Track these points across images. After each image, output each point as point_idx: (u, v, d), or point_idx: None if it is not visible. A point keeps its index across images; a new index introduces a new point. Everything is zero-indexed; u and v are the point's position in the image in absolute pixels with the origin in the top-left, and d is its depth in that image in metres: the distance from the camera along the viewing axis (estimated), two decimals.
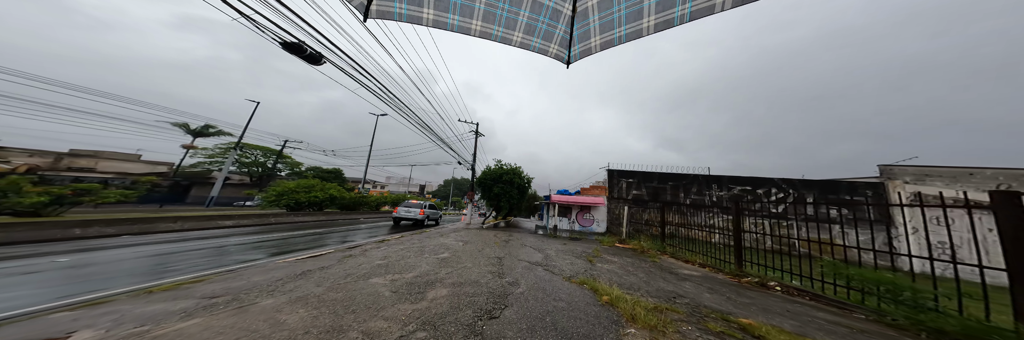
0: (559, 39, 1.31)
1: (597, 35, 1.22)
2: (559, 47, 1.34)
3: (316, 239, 7.50)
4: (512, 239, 8.89)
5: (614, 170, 11.50)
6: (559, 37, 1.30)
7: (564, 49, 1.34)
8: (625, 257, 6.04)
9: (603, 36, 1.21)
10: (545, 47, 1.33)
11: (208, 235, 7.12)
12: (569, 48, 1.33)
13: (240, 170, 26.89)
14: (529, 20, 1.22)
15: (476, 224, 16.75)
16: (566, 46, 1.34)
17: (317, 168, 29.09)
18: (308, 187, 12.94)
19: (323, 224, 11.59)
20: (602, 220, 11.26)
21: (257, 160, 26.83)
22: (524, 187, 15.93)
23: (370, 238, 8.13)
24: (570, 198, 11.17)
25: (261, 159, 26.57)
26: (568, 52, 1.35)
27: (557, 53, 1.36)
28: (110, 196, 7.17)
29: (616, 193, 11.13)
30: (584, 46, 1.29)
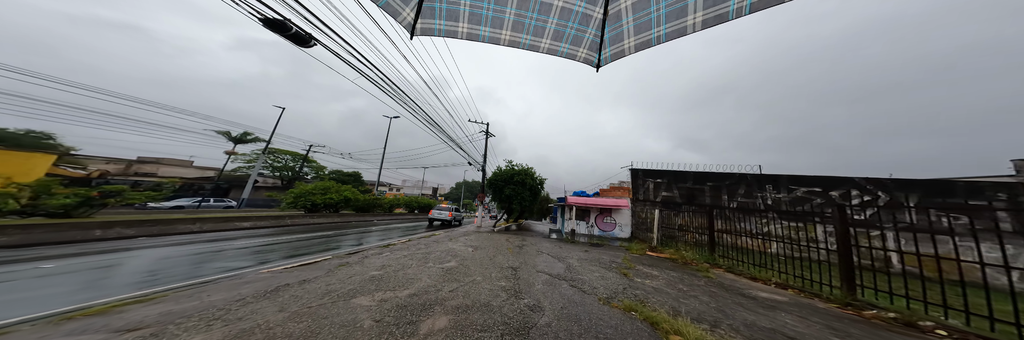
0: (589, 43, 1.25)
1: (631, 36, 1.15)
2: (588, 51, 1.27)
3: (322, 242, 7.04)
4: (526, 244, 7.96)
5: (639, 170, 10.10)
6: (589, 41, 1.24)
7: (594, 53, 1.28)
8: (667, 270, 4.90)
9: (638, 37, 1.13)
10: (574, 52, 1.28)
11: (219, 237, 6.91)
12: (599, 51, 1.27)
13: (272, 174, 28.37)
14: (557, 26, 1.19)
15: (487, 227, 15.94)
16: (596, 49, 1.27)
17: (338, 172, 30.01)
18: (324, 189, 12.92)
19: (336, 226, 11.35)
20: (626, 224, 9.97)
21: (287, 164, 28.14)
22: (536, 188, 14.96)
23: (377, 242, 7.57)
24: (589, 200, 10.03)
25: (290, 163, 27.83)
26: (598, 55, 1.28)
27: (586, 57, 1.29)
28: (136, 198, 7.22)
29: (642, 195, 9.78)
30: (616, 49, 1.23)
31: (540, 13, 1.15)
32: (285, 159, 28.15)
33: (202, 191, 21.95)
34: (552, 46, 1.26)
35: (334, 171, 30.46)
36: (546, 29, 1.20)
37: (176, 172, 24.89)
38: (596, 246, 8.07)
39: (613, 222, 10.04)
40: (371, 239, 8.32)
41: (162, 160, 26.02)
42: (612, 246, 8.20)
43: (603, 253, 6.75)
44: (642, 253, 6.77)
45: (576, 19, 1.17)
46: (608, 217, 10.15)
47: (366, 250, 5.64)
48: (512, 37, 1.22)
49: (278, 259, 4.92)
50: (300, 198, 11.84)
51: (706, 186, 9.03)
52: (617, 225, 9.98)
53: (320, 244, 6.81)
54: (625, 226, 9.88)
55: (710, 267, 5.06)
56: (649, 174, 9.98)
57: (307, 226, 10.56)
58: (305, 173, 28.98)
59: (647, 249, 7.32)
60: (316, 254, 5.35)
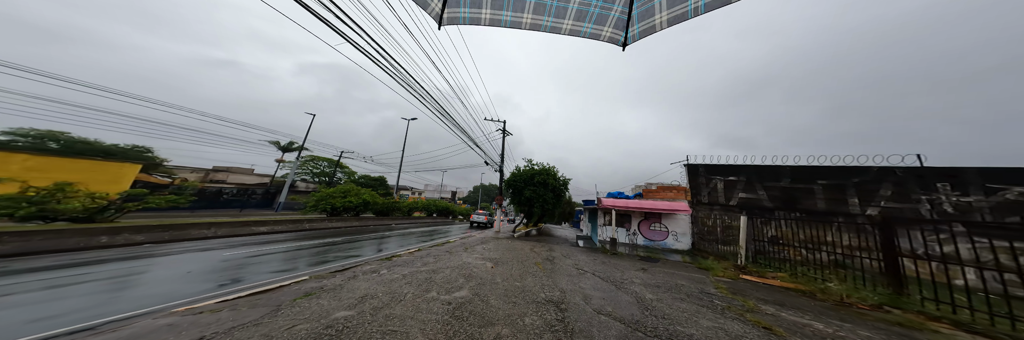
0: (614, 21, 1.17)
1: (664, 10, 1.06)
2: (614, 29, 1.19)
3: (320, 252, 5.99)
4: (556, 256, 6.18)
5: (699, 165, 7.70)
6: (614, 19, 1.16)
7: (619, 31, 1.19)
8: (825, 316, 2.82)
9: (672, 10, 1.04)
10: (598, 31, 1.21)
11: (221, 244, 6.21)
12: (626, 29, 1.18)
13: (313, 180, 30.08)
14: (580, 6, 1.13)
15: (506, 232, 14.30)
16: (623, 27, 1.18)
17: (366, 176, 30.86)
18: (344, 192, 12.49)
19: (350, 231, 10.57)
20: (683, 233, 7.65)
21: (324, 170, 29.59)
22: (560, 190, 13.06)
23: (380, 253, 6.33)
24: (632, 203, 7.90)
25: (327, 169, 29.20)
26: (625, 33, 1.19)
27: (611, 36, 1.21)
28: (156, 202, 6.91)
29: (706, 196, 7.48)
30: (646, 25, 1.13)
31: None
32: (322, 165, 29.69)
33: (254, 196, 23.55)
34: (574, 27, 1.19)
35: (363, 176, 31.43)
36: (568, 9, 1.14)
37: (241, 179, 27.60)
38: (649, 261, 6.00)
39: (664, 230, 7.79)
40: (378, 247, 7.14)
41: (231, 169, 29.19)
42: (672, 262, 6.06)
43: (671, 274, 4.74)
44: (734, 277, 4.59)
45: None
46: (656, 223, 7.92)
47: (360, 265, 4.36)
48: (534, 20, 1.16)
49: (253, 276, 3.79)
50: (321, 202, 11.43)
51: (817, 185, 6.23)
52: (670, 234, 7.71)
53: (317, 254, 5.74)
54: (682, 235, 7.56)
55: (919, 317, 2.78)
56: (716, 170, 7.49)
57: (321, 231, 9.87)
58: (339, 178, 30.25)
59: (735, 269, 5.06)
60: (299, 271, 4.17)
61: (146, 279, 3.50)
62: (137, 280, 3.45)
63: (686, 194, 7.69)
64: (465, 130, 8.79)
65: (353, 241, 7.79)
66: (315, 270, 4.25)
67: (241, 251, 5.52)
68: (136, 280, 3.45)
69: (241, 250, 5.59)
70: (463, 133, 9.20)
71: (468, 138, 9.87)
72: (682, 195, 7.82)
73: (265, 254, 5.37)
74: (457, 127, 8.54)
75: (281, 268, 4.42)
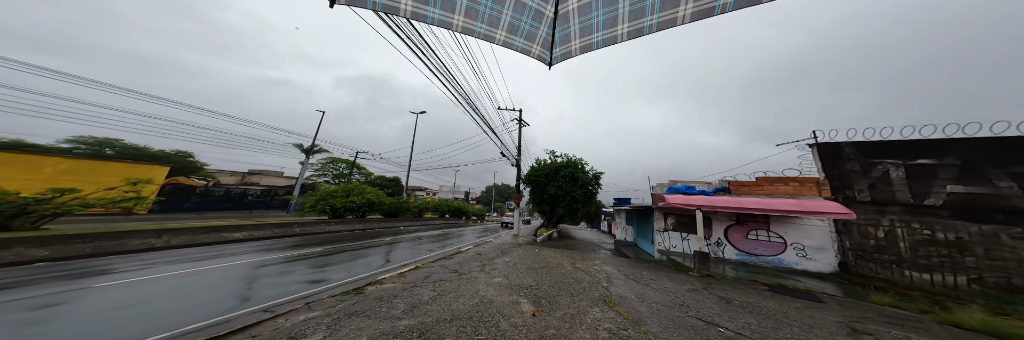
0: (541, 40, 1.13)
1: (577, 38, 1.08)
2: (541, 48, 1.15)
3: (279, 274, 3.95)
4: (618, 278, 3.74)
5: (844, 143, 4.78)
6: (541, 38, 1.13)
7: (546, 50, 1.16)
8: None
9: (583, 40, 1.07)
10: (528, 47, 1.13)
11: (168, 258, 4.40)
12: (551, 50, 1.15)
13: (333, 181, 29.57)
14: (512, 19, 1.04)
15: (525, 235, 11.86)
16: (548, 47, 1.16)
17: (382, 177, 29.83)
18: (346, 191, 10.76)
19: (349, 235, 8.62)
20: (817, 246, 4.82)
21: (342, 172, 28.95)
22: (591, 186, 10.40)
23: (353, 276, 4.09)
24: (723, 202, 4.90)
25: (345, 171, 28.53)
26: (550, 53, 1.16)
27: (539, 54, 1.16)
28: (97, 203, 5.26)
29: (868, 191, 4.59)
30: (565, 49, 1.13)
31: (494, 2, 0.99)
32: (341, 166, 29.09)
33: (277, 197, 23.11)
34: (507, 39, 1.09)
35: (378, 176, 30.47)
36: (501, 20, 1.04)
37: (272, 181, 27.88)
38: (792, 295, 3.32)
39: (778, 241, 4.95)
40: (364, 262, 4.95)
41: (264, 172, 29.72)
42: (835, 298, 3.30)
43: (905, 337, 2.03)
44: None
45: (529, 14, 1.04)
46: (762, 231, 5.09)
47: (310, 305, 2.13)
48: (466, 24, 1.01)
49: None
50: (320, 202, 9.71)
51: None
52: (789, 247, 4.85)
53: (281, 274, 3.63)
54: (816, 250, 4.70)
55: None
56: (885, 150, 4.48)
57: (313, 236, 7.98)
58: (357, 179, 29.50)
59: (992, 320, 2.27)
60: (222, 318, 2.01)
61: None
62: None
63: (819, 188, 4.78)
64: (480, 112, 6.53)
65: (338, 251, 5.72)
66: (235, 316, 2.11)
67: (183, 269, 3.55)
68: None
69: (158, 270, 3.63)
70: (478, 114, 6.95)
71: (484, 124, 7.61)
72: (811, 189, 4.91)
73: (173, 279, 3.33)
74: (471, 106, 6.29)
75: (209, 302, 2.33)
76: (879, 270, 4.18)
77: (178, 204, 14.94)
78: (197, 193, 16.64)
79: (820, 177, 4.94)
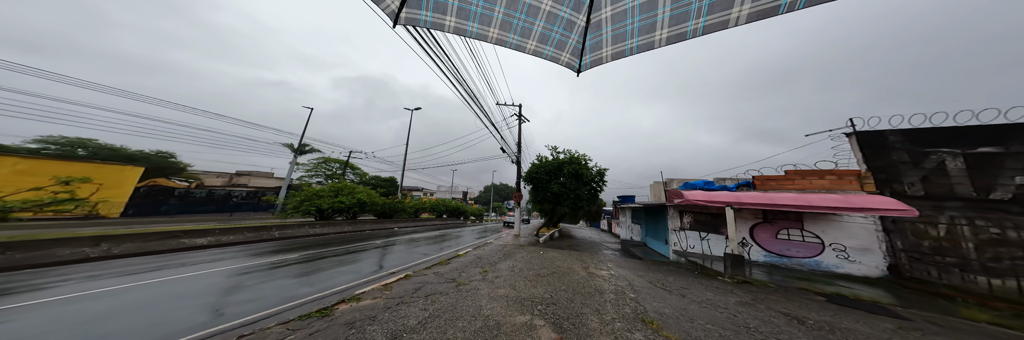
0: (571, 48, 1.16)
1: (609, 46, 1.09)
2: (571, 56, 1.18)
3: (234, 288, 3.11)
4: (643, 288, 3.03)
5: (889, 131, 4.17)
6: (571, 46, 1.15)
7: (575, 58, 1.19)
8: None
9: (615, 47, 1.08)
10: (557, 55, 1.18)
11: (97, 270, 3.64)
12: (581, 57, 1.19)
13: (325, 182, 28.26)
14: (544, 30, 1.10)
15: (526, 235, 11.16)
16: (578, 55, 1.19)
17: (378, 177, 28.70)
18: (335, 190, 9.84)
19: (336, 239, 7.76)
20: (861, 247, 4.20)
21: (335, 172, 27.69)
22: (596, 184, 9.80)
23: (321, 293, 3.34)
24: (753, 198, 4.23)
25: (338, 171, 27.31)
26: (579, 61, 1.20)
27: (569, 62, 1.20)
28: (18, 205, 4.32)
29: (921, 184, 3.97)
30: (595, 56, 1.15)
31: (528, 15, 1.05)
32: (334, 167, 27.85)
33: (263, 199, 21.87)
34: (538, 48, 1.14)
35: (373, 177, 29.33)
36: (533, 31, 1.09)
37: (261, 182, 26.42)
38: (855, 307, 2.81)
39: (815, 241, 4.36)
40: (349, 270, 4.18)
41: (253, 173, 28.20)
42: (915, 312, 2.72)
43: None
44: None
45: (561, 24, 1.08)
46: (794, 230, 4.52)
47: None
48: (500, 35, 1.09)
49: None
50: (305, 202, 8.78)
51: None
52: (828, 247, 4.27)
53: (212, 296, 2.85)
54: (860, 251, 4.13)
55: None
56: (939, 138, 3.87)
57: (294, 241, 7.10)
58: (351, 180, 28.33)
59: None
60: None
61: None
62: None
63: (861, 181, 4.21)
64: (483, 105, 5.82)
65: (318, 257, 4.90)
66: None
67: (38, 298, 2.68)
68: None
69: (66, 289, 2.78)
70: (480, 109, 6.23)
71: (486, 117, 6.91)
72: (851, 183, 4.31)
73: (68, 304, 2.50)
74: (474, 100, 5.58)
75: None
76: (940, 275, 3.61)
77: (154, 207, 13.69)
78: (176, 195, 15.34)
79: (861, 169, 4.35)
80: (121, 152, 15.06)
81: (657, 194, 11.94)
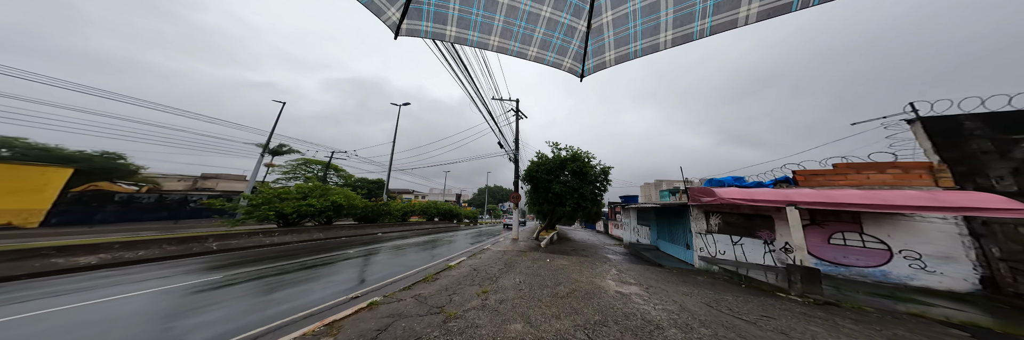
0: (573, 54, 1.15)
1: (611, 50, 1.08)
2: (573, 61, 1.17)
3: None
4: (753, 327, 1.92)
5: (965, 117, 3.36)
6: (573, 52, 1.14)
7: (578, 63, 1.18)
8: None
9: (618, 51, 1.06)
10: (559, 61, 1.16)
11: None
12: (583, 62, 1.18)
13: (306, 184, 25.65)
14: (544, 36, 1.09)
15: (525, 238, 10.03)
16: (580, 60, 1.17)
17: (364, 179, 26.54)
18: (304, 192, 8.23)
19: (297, 250, 6.15)
20: (940, 255, 3.31)
21: (316, 174, 25.24)
22: (600, 183, 8.92)
23: (250, 326, 1.99)
24: (808, 196, 3.33)
25: (319, 173, 24.89)
26: (582, 66, 1.18)
27: (571, 67, 1.18)
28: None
29: (1014, 179, 3.13)
30: (598, 60, 1.14)
31: (528, 22, 1.04)
32: (315, 169, 25.40)
33: (204, 202, 19.36)
34: (539, 54, 1.13)
35: (359, 179, 27.13)
36: (534, 38, 1.08)
37: (231, 186, 23.42)
38: None
39: (880, 248, 3.55)
40: (287, 296, 2.92)
41: (221, 176, 25.09)
42: None
43: None
44: None
45: (562, 30, 1.07)
46: (851, 233, 3.72)
47: None
48: (501, 43, 1.08)
49: None
50: (262, 206, 7.11)
51: None
52: (896, 255, 3.47)
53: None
54: (940, 260, 3.28)
55: None
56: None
57: (239, 253, 5.52)
58: (335, 183, 25.93)
59: None
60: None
61: None
62: None
63: (934, 174, 3.47)
64: (477, 84, 4.76)
65: (254, 277, 3.48)
66: None
67: None
68: None
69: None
70: (481, 102, 5.16)
71: (485, 109, 5.82)
72: (921, 177, 3.52)
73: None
74: (476, 91, 4.53)
75: None
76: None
77: (86, 215, 11.20)
78: (116, 201, 12.78)
79: (932, 161, 3.60)
80: (55, 153, 12.35)
81: (648, 195, 11.38)
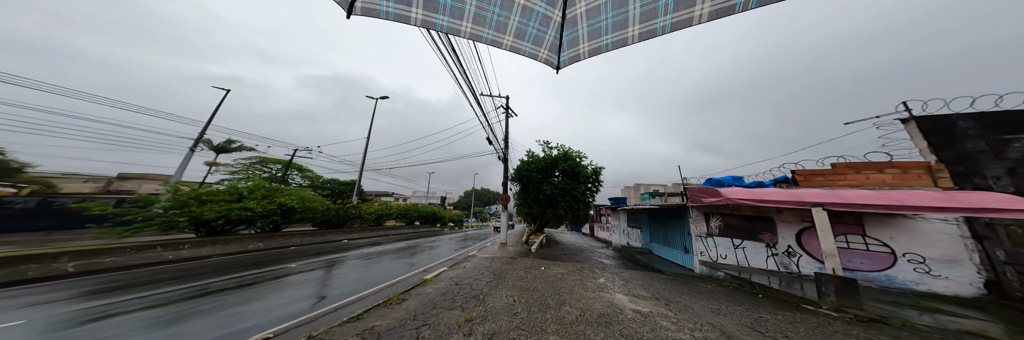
0: (549, 44, 1.11)
1: (585, 42, 1.05)
2: (549, 52, 1.13)
3: None
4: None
5: (958, 116, 3.31)
6: (549, 42, 1.10)
7: (553, 54, 1.14)
8: None
9: (591, 43, 1.04)
10: (535, 52, 1.12)
11: None
12: (558, 53, 1.14)
13: None
14: (519, 25, 1.03)
15: (513, 242, 9.22)
16: (556, 51, 1.13)
17: (335, 180, 23.56)
18: (236, 194, 6.10)
19: (211, 268, 4.28)
20: (944, 258, 3.12)
21: (274, 175, 21.65)
22: (593, 182, 8.48)
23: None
24: (819, 196, 2.99)
25: (277, 174, 21.35)
26: (557, 57, 1.14)
27: (547, 58, 1.14)
28: None
29: (1010, 179, 3.05)
30: (573, 52, 1.10)
31: (502, 9, 0.97)
32: (274, 169, 21.83)
33: (72, 207, 15.47)
34: (515, 44, 1.07)
35: (329, 179, 24.05)
36: (508, 26, 1.02)
37: (156, 188, 18.94)
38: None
39: (884, 251, 3.35)
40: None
41: (146, 176, 20.20)
42: None
43: None
44: None
45: (537, 19, 1.02)
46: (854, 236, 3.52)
47: None
48: (474, 30, 1.01)
49: None
50: (171, 212, 5.21)
51: None
52: (900, 258, 3.30)
53: None
54: (944, 264, 3.13)
55: None
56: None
57: (103, 278, 3.85)
58: (299, 184, 22.54)
59: None
60: None
61: None
62: None
63: (932, 174, 3.36)
64: (468, 74, 3.93)
65: (93, 318, 2.15)
66: None
67: None
68: None
69: None
70: (473, 94, 4.30)
71: (475, 101, 4.95)
72: (920, 177, 3.40)
73: None
74: (468, 84, 3.70)
75: None
76: None
77: None
78: None
79: (929, 161, 3.52)
80: None
81: (629, 198, 11.43)
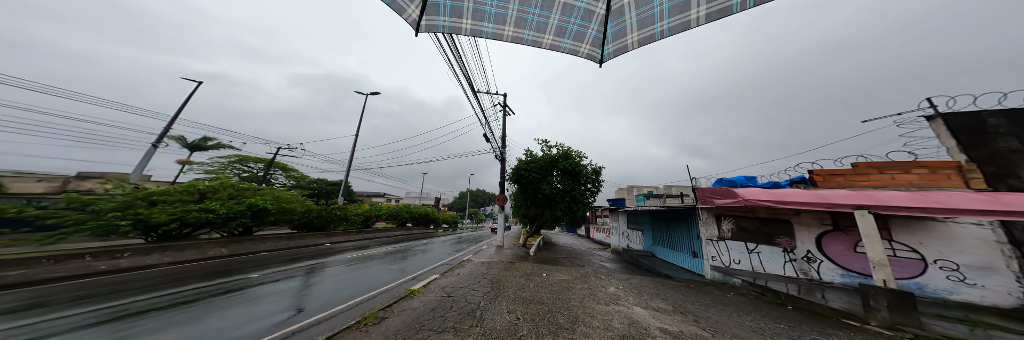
0: (591, 39, 1.10)
1: (634, 32, 1.01)
2: (591, 46, 1.12)
3: None
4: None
5: (989, 112, 3.01)
6: (591, 36, 1.09)
7: (596, 48, 1.12)
8: None
9: (642, 32, 0.99)
10: (576, 47, 1.12)
11: None
12: (602, 47, 1.11)
13: None
14: (560, 22, 1.05)
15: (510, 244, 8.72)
16: (599, 45, 1.11)
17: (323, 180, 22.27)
18: (197, 193, 5.34)
19: (150, 282, 3.42)
20: (979, 265, 2.81)
21: (255, 175, 20.16)
22: (593, 182, 8.12)
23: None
24: (848, 198, 2.61)
25: (259, 173, 19.88)
26: (601, 51, 1.12)
27: (589, 53, 1.13)
28: None
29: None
30: (619, 44, 1.07)
31: (542, 9, 1.01)
32: (255, 168, 20.32)
33: None
34: (555, 42, 1.09)
35: (317, 179, 22.71)
36: (549, 25, 1.05)
37: (95, 188, 17.10)
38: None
39: (913, 258, 3.03)
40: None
41: (108, 175, 18.25)
42: None
43: None
44: None
45: (578, 15, 1.03)
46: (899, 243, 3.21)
47: None
48: (515, 33, 1.06)
49: None
50: (110, 215, 4.24)
51: None
52: (931, 265, 3.01)
53: None
54: (982, 271, 2.75)
55: None
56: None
57: (10, 294, 3.07)
58: (282, 185, 21.09)
59: None
60: None
61: None
62: None
63: (964, 175, 3.09)
64: (467, 69, 3.43)
65: None
66: None
67: None
68: None
69: None
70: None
71: (474, 96, 4.44)
72: (950, 177, 3.13)
73: None
74: (468, 80, 3.20)
75: None
76: None
77: None
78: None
79: (959, 161, 3.23)
80: None
81: (625, 200, 11.24)
